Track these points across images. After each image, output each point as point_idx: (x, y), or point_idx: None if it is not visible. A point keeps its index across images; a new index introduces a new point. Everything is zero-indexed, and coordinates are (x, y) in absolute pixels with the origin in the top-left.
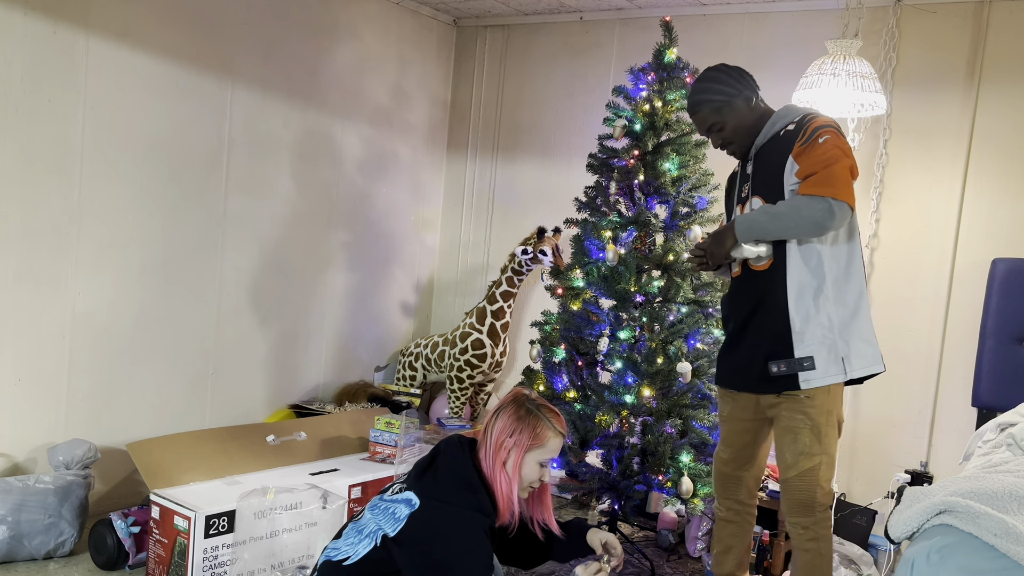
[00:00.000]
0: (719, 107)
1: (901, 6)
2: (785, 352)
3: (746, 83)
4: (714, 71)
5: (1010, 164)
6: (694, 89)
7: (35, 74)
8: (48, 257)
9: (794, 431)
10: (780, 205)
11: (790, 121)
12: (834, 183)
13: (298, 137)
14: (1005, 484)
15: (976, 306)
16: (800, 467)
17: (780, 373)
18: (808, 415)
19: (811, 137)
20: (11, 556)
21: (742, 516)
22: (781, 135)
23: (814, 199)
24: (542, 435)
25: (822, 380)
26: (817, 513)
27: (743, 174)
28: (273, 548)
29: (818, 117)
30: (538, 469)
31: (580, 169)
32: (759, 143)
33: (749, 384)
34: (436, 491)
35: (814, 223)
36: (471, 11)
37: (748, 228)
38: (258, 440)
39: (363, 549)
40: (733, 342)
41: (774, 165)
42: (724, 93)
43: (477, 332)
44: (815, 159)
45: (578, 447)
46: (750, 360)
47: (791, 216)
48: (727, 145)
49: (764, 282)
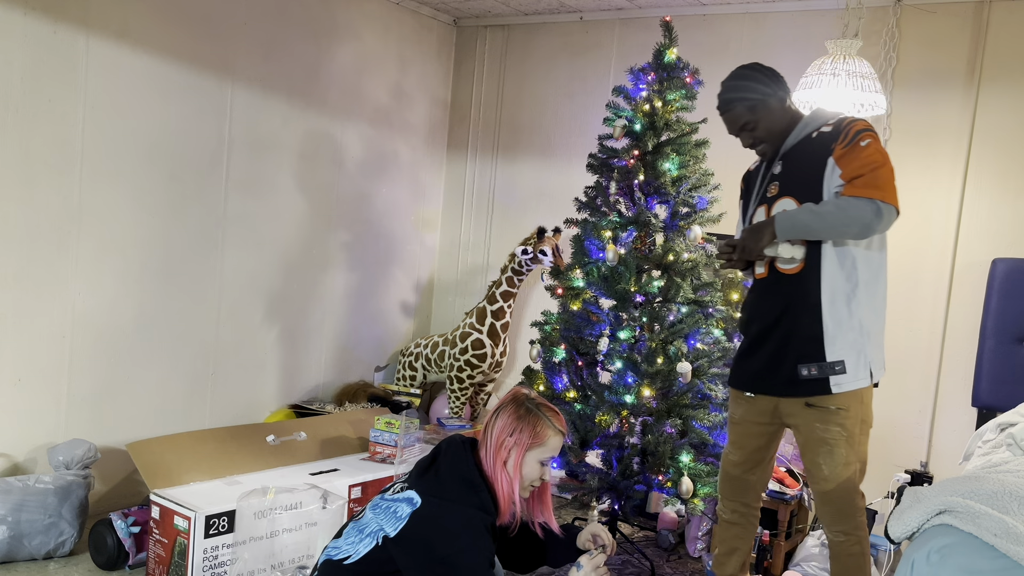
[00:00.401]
0: (753, 106)
1: (901, 6)
2: (816, 355)
3: (780, 83)
4: (749, 69)
5: (1010, 164)
6: (727, 87)
7: (35, 74)
8: (48, 257)
9: (829, 443)
10: (825, 204)
11: (823, 123)
12: (882, 186)
13: (298, 137)
14: (1005, 484)
15: (976, 306)
16: (839, 478)
17: (810, 376)
18: (844, 427)
19: (853, 140)
20: (11, 556)
21: (747, 519)
22: (814, 137)
23: (861, 200)
24: (542, 434)
25: (852, 384)
26: (857, 518)
27: (768, 174)
28: (273, 548)
29: (857, 120)
30: (539, 468)
31: (580, 169)
32: (789, 144)
33: (772, 387)
34: (438, 489)
35: (862, 224)
36: (471, 11)
37: (791, 226)
38: (258, 440)
39: (364, 548)
40: (755, 344)
41: (810, 167)
42: (759, 92)
43: (477, 332)
44: (861, 162)
45: (578, 447)
46: (776, 363)
47: (837, 216)
48: (757, 144)
49: (795, 285)
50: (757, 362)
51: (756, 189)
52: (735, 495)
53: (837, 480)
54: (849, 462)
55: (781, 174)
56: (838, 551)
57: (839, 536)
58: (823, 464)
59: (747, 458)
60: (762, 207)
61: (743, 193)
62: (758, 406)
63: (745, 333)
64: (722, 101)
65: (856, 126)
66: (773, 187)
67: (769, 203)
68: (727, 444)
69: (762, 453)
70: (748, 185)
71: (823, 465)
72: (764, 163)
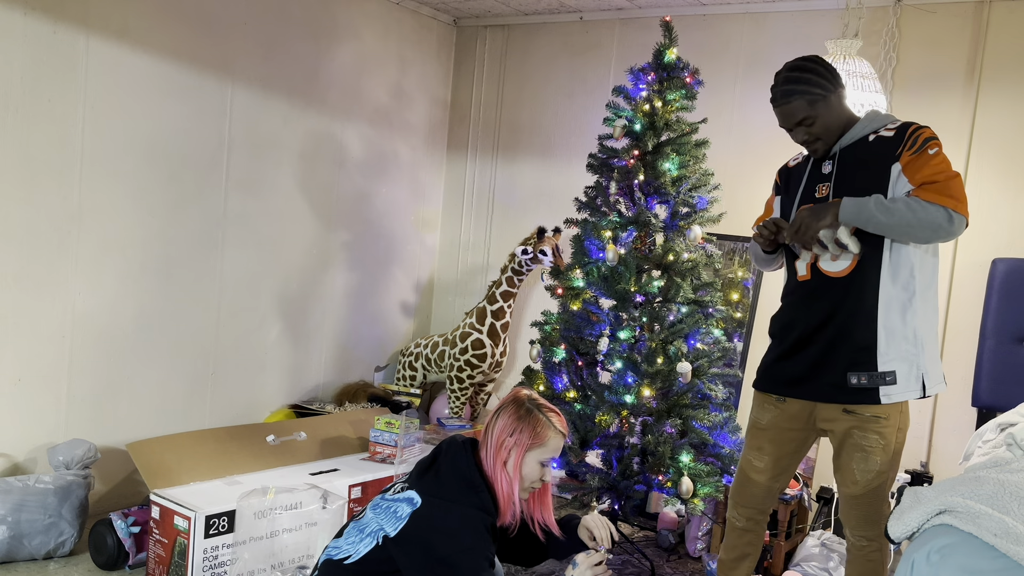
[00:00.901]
0: (814, 101)
1: (901, 6)
2: (868, 364)
3: (839, 80)
4: (810, 62)
5: (1010, 164)
6: (786, 78)
7: (35, 74)
8: (48, 257)
9: (866, 450)
10: (895, 201)
11: (882, 126)
12: (957, 195)
13: (298, 137)
14: (1005, 484)
15: (976, 306)
16: (870, 485)
17: (859, 385)
18: (883, 435)
19: (922, 147)
20: (11, 556)
21: (760, 525)
22: (871, 140)
23: (935, 206)
24: (543, 434)
25: (902, 395)
26: (881, 524)
27: (817, 173)
28: (273, 548)
29: (924, 127)
30: (539, 468)
31: (580, 169)
32: (843, 144)
33: (813, 393)
34: (438, 490)
35: (933, 227)
36: (471, 11)
37: (857, 212)
38: (258, 440)
39: (364, 548)
40: (795, 349)
41: (871, 171)
42: (821, 87)
43: (477, 332)
44: (932, 169)
45: (578, 447)
46: (821, 369)
47: (907, 215)
48: (813, 142)
49: (845, 290)
50: (796, 367)
51: (801, 187)
52: (753, 502)
53: (868, 487)
54: (883, 470)
55: (834, 175)
56: (858, 555)
57: (861, 541)
58: (856, 470)
59: (774, 464)
60: (808, 206)
61: (780, 188)
62: (789, 411)
63: (781, 338)
64: (780, 92)
65: (924, 133)
66: (823, 187)
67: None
68: (749, 450)
69: (790, 459)
70: (788, 181)
71: (856, 471)
72: (810, 161)
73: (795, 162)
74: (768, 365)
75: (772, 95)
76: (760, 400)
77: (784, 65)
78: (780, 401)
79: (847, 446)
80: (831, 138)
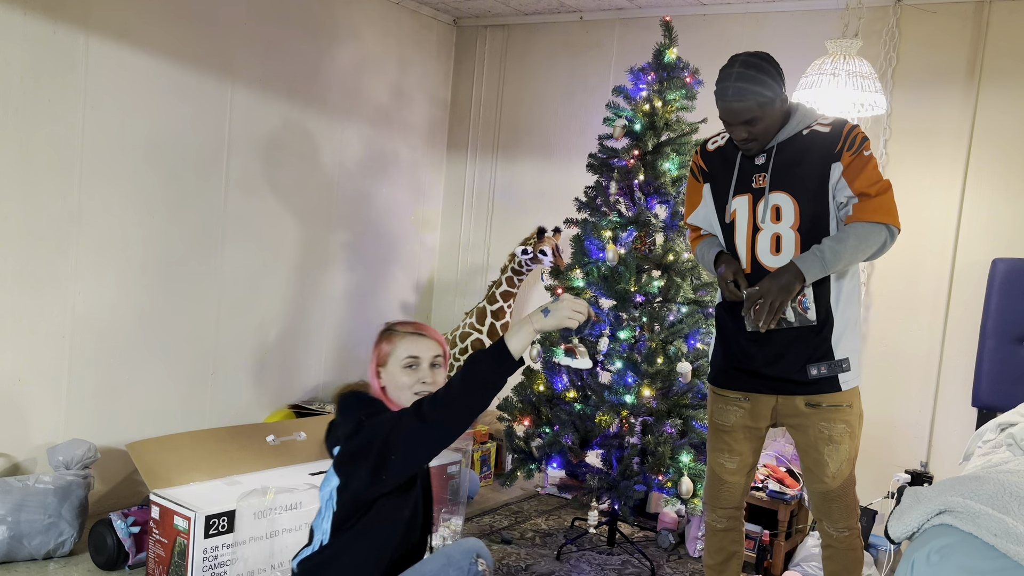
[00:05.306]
0: (764, 104)
1: (901, 6)
2: (826, 354)
3: (783, 80)
4: (765, 62)
5: (1010, 164)
6: (742, 76)
7: (35, 74)
8: (48, 257)
9: (836, 441)
10: (843, 239)
11: (814, 122)
12: (891, 208)
13: (298, 137)
14: (1005, 484)
15: (976, 306)
16: (843, 474)
17: (820, 376)
18: (848, 423)
19: (859, 149)
20: (11, 556)
21: (739, 521)
22: (805, 135)
23: (877, 227)
24: (390, 340)
25: (856, 381)
26: (857, 511)
27: (749, 164)
28: (273, 548)
29: (857, 126)
30: (408, 372)
31: (580, 169)
32: (780, 138)
33: (774, 387)
34: (346, 424)
35: (879, 247)
36: (471, 11)
37: (821, 267)
38: (258, 440)
39: (327, 524)
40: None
41: (809, 166)
42: (773, 90)
43: (477, 332)
44: (869, 176)
45: (578, 447)
46: (779, 362)
47: (859, 247)
48: (750, 141)
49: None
50: (755, 363)
51: (735, 176)
52: (729, 502)
53: (842, 476)
54: (851, 457)
55: (771, 167)
56: (842, 547)
57: (844, 532)
58: (830, 462)
59: (744, 463)
60: (744, 196)
61: (706, 175)
62: (755, 410)
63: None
64: (734, 89)
65: (858, 132)
66: (760, 178)
67: (756, 194)
68: (718, 454)
69: (756, 455)
70: (713, 167)
71: (830, 463)
72: (738, 149)
73: (715, 145)
74: (722, 364)
75: (722, 89)
76: (722, 401)
77: (736, 60)
78: (744, 401)
79: (818, 440)
80: (766, 140)
